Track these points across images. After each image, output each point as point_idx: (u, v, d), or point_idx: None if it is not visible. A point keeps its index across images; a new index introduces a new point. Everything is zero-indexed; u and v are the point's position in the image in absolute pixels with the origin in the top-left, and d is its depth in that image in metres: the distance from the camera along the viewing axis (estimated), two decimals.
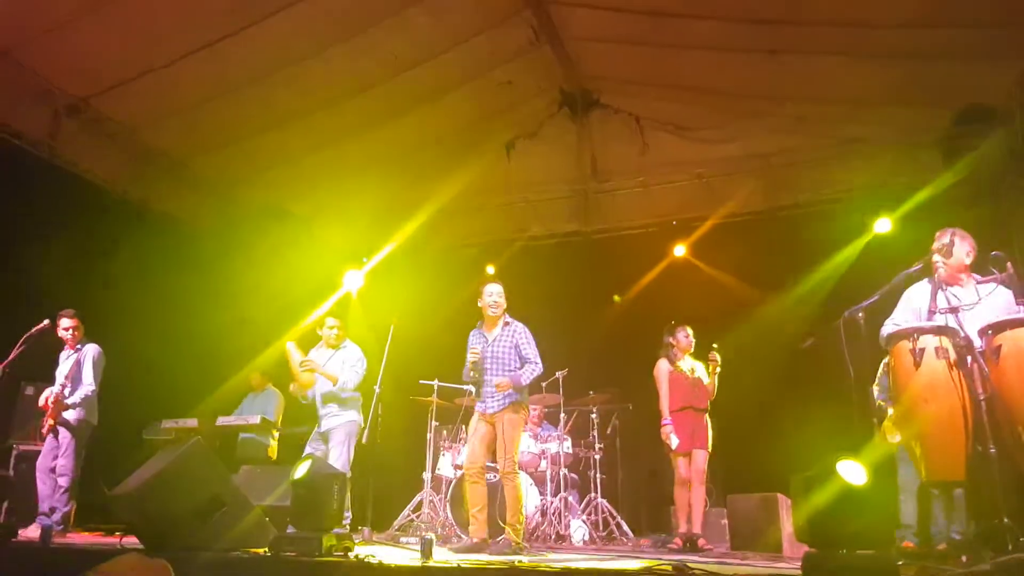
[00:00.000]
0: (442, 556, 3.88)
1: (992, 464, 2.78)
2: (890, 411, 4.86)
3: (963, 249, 3.64)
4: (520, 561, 3.53)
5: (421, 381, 6.08)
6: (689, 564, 3.23)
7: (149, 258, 7.30)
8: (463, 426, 6.21)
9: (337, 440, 5.10)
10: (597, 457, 6.18)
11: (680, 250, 7.95)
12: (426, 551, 3.58)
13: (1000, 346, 2.94)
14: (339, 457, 5.02)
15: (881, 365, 5.11)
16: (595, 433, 6.31)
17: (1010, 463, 2.81)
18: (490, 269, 8.04)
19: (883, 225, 7.00)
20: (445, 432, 6.44)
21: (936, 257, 3.51)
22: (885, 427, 4.87)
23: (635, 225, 8.12)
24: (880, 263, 6.64)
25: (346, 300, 8.48)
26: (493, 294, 4.88)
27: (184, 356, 7.39)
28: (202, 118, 6.94)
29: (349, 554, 3.78)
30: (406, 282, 8.30)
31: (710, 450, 5.33)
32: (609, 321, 7.73)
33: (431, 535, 3.69)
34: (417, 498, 6.09)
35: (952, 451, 2.92)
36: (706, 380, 5.49)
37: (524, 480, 5.75)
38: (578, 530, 5.76)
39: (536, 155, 8.11)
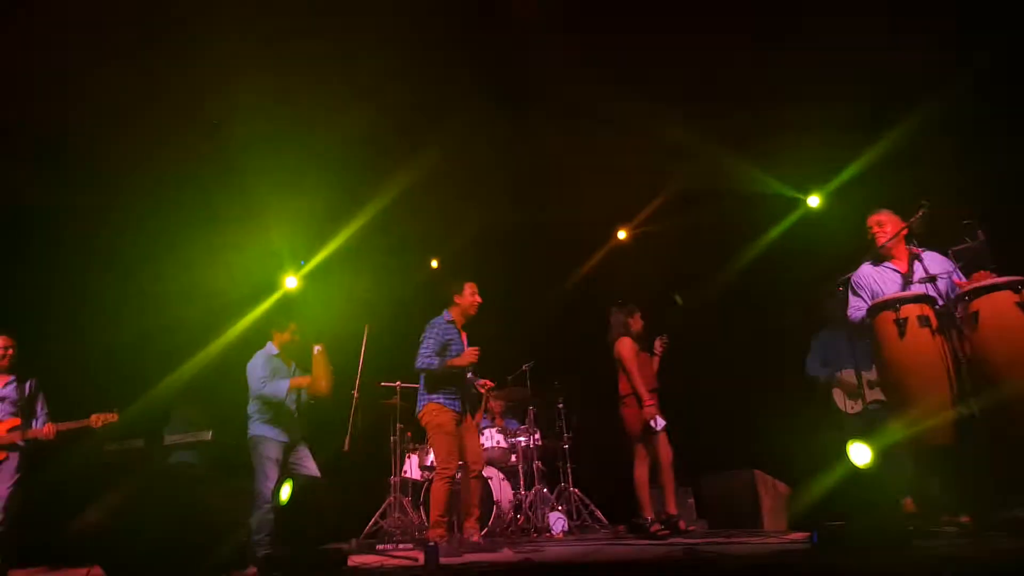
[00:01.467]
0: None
1: (977, 426, 2.96)
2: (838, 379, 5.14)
3: (897, 227, 3.94)
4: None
5: (383, 383, 5.91)
6: (696, 548, 3.30)
7: (61, 260, 6.85)
8: None
9: (307, 448, 4.95)
10: (566, 447, 6.22)
11: (621, 235, 8.07)
12: (431, 559, 3.51)
13: (978, 311, 3.14)
14: (314, 467, 4.86)
15: (813, 340, 5.38)
16: (562, 423, 6.35)
17: (993, 425, 3.00)
18: (433, 263, 8.00)
19: (813, 201, 7.33)
20: (409, 434, 6.32)
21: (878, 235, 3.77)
22: (836, 395, 5.14)
23: (574, 216, 8.16)
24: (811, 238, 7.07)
25: (286, 304, 8.23)
26: (476, 292, 4.86)
27: (107, 364, 6.99)
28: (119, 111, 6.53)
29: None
30: (346, 283, 8.09)
31: None
32: (555, 311, 7.74)
33: (433, 542, 3.60)
34: (386, 503, 5.94)
35: (940, 416, 3.10)
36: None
37: (495, 475, 5.72)
38: (557, 521, 5.77)
39: (474, 148, 8.06)
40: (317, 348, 5.04)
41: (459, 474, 4.78)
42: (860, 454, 3.14)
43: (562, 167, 7.99)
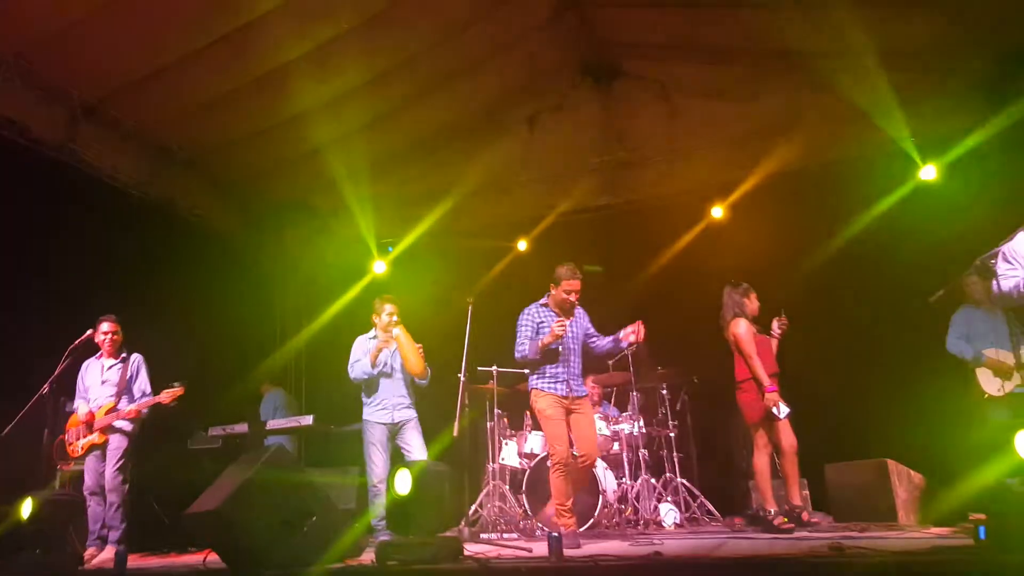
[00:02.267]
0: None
1: None
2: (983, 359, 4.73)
3: None
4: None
5: (479, 368, 5.82)
6: (842, 544, 3.06)
7: (178, 260, 7.07)
8: (527, 412, 6.01)
9: (416, 431, 4.90)
10: (673, 435, 6.00)
11: (717, 212, 7.67)
12: (556, 550, 3.38)
13: None
14: (422, 449, 4.80)
15: (955, 316, 4.97)
16: (666, 410, 6.12)
17: None
18: (522, 244, 7.88)
19: (928, 173, 6.82)
20: (506, 420, 6.22)
21: None
22: (981, 375, 4.74)
23: (667, 193, 7.87)
24: (928, 212, 6.58)
25: (374, 290, 8.27)
26: (573, 291, 4.74)
27: (212, 357, 7.17)
28: (218, 114, 6.66)
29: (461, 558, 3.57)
30: (434, 268, 8.07)
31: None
32: (648, 293, 7.46)
33: (556, 533, 3.47)
34: (485, 491, 5.86)
35: None
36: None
37: (599, 464, 5.56)
38: (668, 513, 5.57)
39: (560, 129, 7.90)
40: (396, 331, 4.99)
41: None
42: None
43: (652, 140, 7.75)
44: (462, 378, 5.17)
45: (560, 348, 4.63)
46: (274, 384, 7.76)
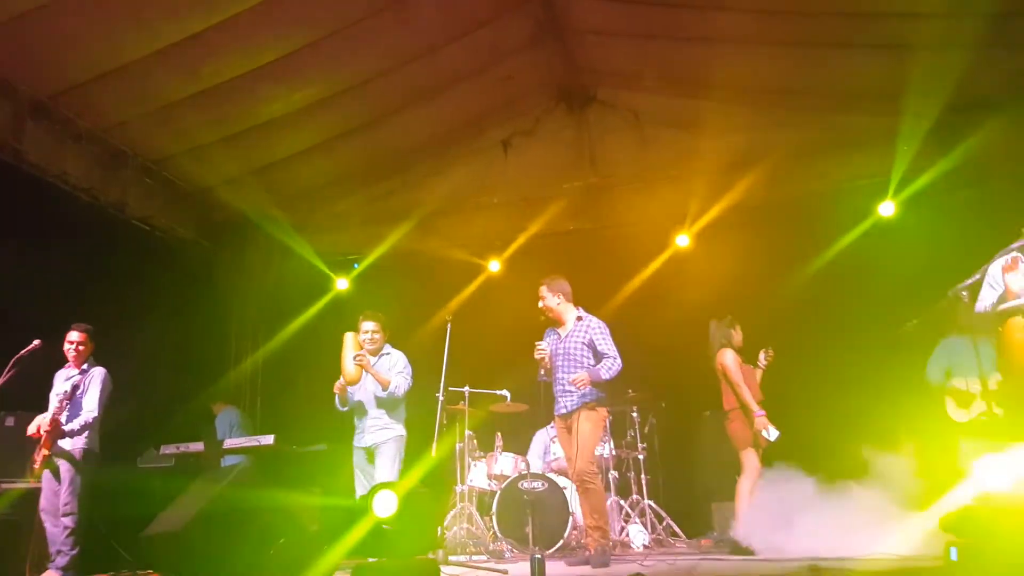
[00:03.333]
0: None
1: None
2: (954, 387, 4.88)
3: None
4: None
5: (451, 388, 5.71)
6: (819, 566, 3.08)
7: (129, 271, 6.76)
8: (498, 433, 5.93)
9: (388, 456, 4.71)
10: (641, 457, 5.99)
11: (683, 240, 7.79)
12: (538, 570, 3.29)
13: None
14: (390, 476, 4.63)
15: (939, 347, 5.13)
16: (635, 432, 6.12)
17: None
18: (494, 264, 7.85)
19: (887, 209, 7.08)
20: (475, 441, 6.11)
21: None
22: (948, 403, 4.88)
23: (635, 220, 7.95)
24: (889, 246, 6.82)
25: (336, 307, 8.11)
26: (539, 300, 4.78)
27: (162, 373, 6.88)
28: (179, 119, 6.42)
29: None
30: (400, 287, 7.94)
31: None
32: (618, 317, 7.49)
33: (538, 555, 3.39)
34: (452, 512, 5.71)
35: None
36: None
37: (569, 485, 5.49)
38: (637, 535, 5.53)
39: (533, 152, 7.93)
40: (347, 335, 4.87)
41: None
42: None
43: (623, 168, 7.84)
44: (440, 397, 5.05)
45: (556, 365, 4.60)
46: (227, 402, 7.48)
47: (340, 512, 3.82)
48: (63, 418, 4.89)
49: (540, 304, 4.75)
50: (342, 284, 8.31)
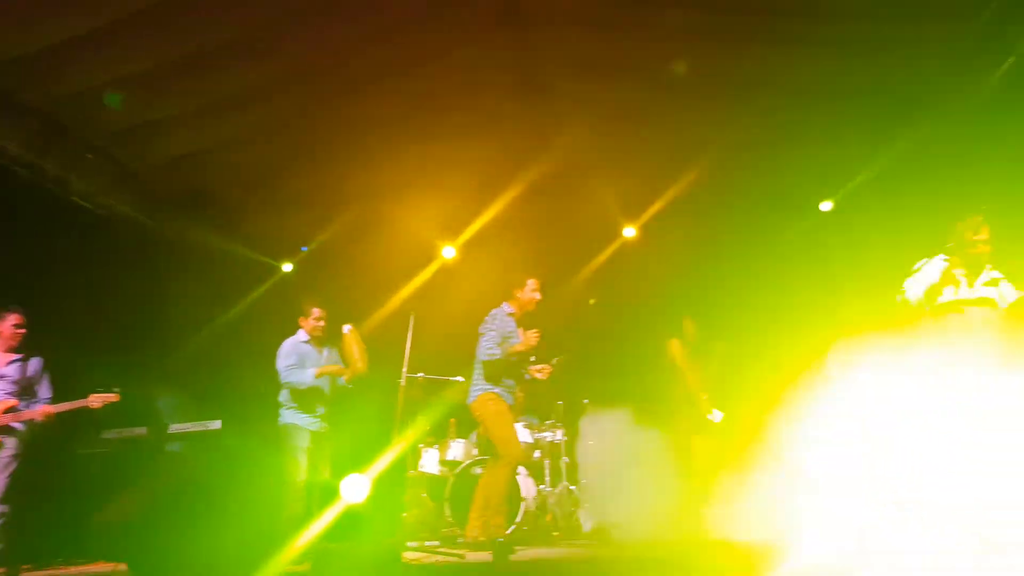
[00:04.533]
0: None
1: None
2: None
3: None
4: None
5: (407, 374, 5.72)
6: None
7: (67, 249, 6.54)
8: (452, 420, 5.97)
9: (331, 444, 4.73)
10: (591, 443, 6.14)
11: (630, 231, 7.99)
12: (501, 553, 3.37)
13: None
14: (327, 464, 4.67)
15: None
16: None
17: None
18: (449, 250, 7.84)
19: (826, 205, 7.41)
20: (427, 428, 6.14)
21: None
22: None
23: (587, 211, 8.09)
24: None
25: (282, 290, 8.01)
26: (538, 289, 4.88)
27: (99, 355, 6.64)
28: (127, 94, 6.17)
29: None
30: (350, 270, 7.90)
31: None
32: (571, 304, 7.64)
33: (500, 538, 3.46)
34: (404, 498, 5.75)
35: None
36: None
37: (521, 470, 5.60)
38: (587, 521, 5.68)
39: (488, 139, 7.92)
40: (347, 328, 4.86)
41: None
42: None
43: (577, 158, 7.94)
44: (402, 384, 5.05)
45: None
46: (168, 386, 7.28)
47: (308, 497, 3.81)
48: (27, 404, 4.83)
49: (536, 299, 4.79)
50: (287, 267, 8.19)
